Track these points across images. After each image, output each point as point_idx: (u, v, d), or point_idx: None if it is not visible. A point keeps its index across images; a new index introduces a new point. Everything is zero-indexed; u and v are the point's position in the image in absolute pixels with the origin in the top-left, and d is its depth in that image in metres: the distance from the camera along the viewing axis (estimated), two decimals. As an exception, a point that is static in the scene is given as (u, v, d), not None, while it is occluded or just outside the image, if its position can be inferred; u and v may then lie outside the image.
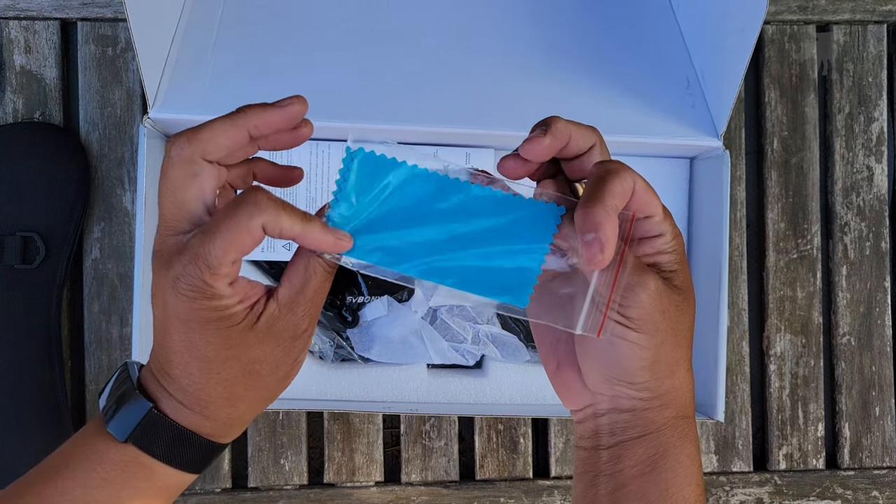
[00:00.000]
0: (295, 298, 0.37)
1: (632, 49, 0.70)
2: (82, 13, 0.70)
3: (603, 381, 0.39)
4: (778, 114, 0.75)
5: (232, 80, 0.63)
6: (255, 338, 0.37)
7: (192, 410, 0.37)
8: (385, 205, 0.38)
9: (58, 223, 0.66)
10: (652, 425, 0.39)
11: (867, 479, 0.74)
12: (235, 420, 0.39)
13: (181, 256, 0.35)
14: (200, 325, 0.36)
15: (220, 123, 0.37)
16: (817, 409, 0.74)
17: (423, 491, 0.71)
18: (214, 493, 0.70)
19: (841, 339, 0.75)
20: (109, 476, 0.37)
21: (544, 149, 0.37)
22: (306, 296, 0.37)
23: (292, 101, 0.39)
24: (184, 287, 0.35)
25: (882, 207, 0.76)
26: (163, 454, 0.37)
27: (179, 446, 0.37)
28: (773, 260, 0.74)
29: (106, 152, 0.70)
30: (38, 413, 0.65)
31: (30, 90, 0.70)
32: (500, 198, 0.38)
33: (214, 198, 0.37)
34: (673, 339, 0.37)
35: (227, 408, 0.38)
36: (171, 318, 0.36)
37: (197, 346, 0.36)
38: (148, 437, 0.37)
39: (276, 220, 0.34)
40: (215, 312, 0.35)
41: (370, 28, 0.68)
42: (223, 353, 0.36)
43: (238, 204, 0.34)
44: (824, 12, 0.76)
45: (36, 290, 0.65)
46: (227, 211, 0.35)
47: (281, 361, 0.38)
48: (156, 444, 0.37)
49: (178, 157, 0.36)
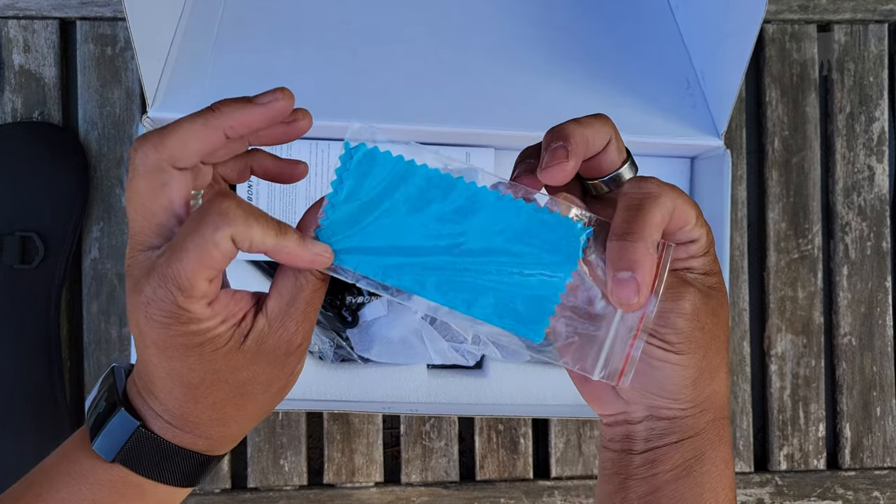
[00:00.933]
0: (286, 311, 0.33)
1: (632, 49, 0.70)
2: (81, 12, 0.70)
3: (642, 396, 0.37)
4: (779, 113, 0.75)
5: (232, 80, 0.63)
6: (244, 359, 0.33)
7: (181, 430, 0.34)
8: (386, 211, 0.33)
9: (57, 223, 0.66)
10: (690, 430, 0.37)
11: (868, 479, 0.74)
12: (228, 437, 0.36)
13: (150, 278, 0.31)
14: (180, 353, 0.32)
15: (190, 124, 0.32)
16: (818, 410, 0.74)
17: (423, 491, 0.71)
18: (214, 494, 0.70)
19: (842, 339, 0.75)
20: (97, 497, 0.34)
21: (568, 174, 0.33)
22: (298, 308, 0.33)
23: (275, 95, 0.33)
24: (156, 313, 0.31)
25: (883, 207, 0.76)
26: (153, 472, 0.34)
27: (170, 462, 0.34)
28: (773, 260, 0.74)
29: (105, 152, 0.70)
30: (38, 413, 0.65)
31: (29, 89, 0.70)
32: (521, 210, 0.33)
33: (187, 207, 0.33)
34: (714, 347, 0.36)
35: (218, 427, 0.35)
36: (148, 346, 0.32)
37: (179, 374, 0.33)
38: (136, 457, 0.34)
39: (245, 233, 0.30)
40: (195, 338, 0.32)
41: (370, 28, 0.68)
42: (209, 377, 0.33)
43: (203, 215, 0.30)
44: (825, 11, 0.76)
45: (35, 290, 0.65)
46: (191, 224, 0.31)
47: (274, 379, 0.35)
48: (144, 462, 0.34)
49: (143, 167, 0.32)
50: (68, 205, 0.67)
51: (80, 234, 0.68)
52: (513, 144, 0.63)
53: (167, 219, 0.32)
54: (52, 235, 0.66)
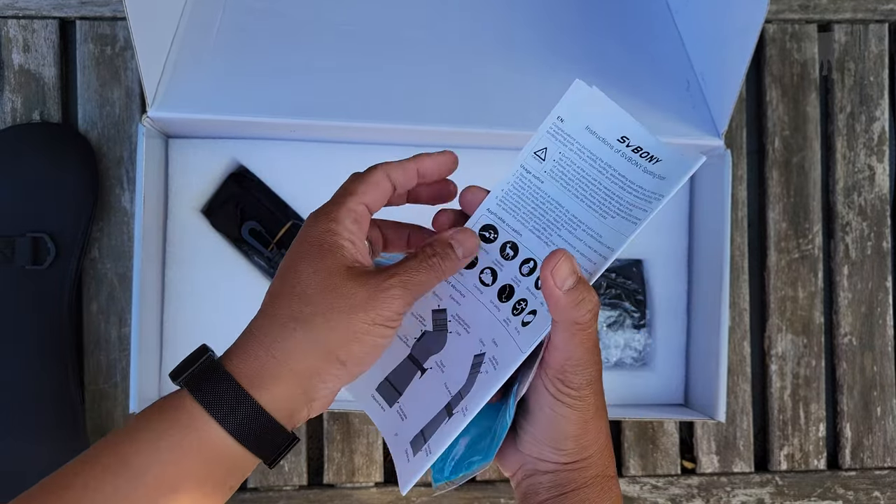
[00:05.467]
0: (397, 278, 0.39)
1: (632, 50, 0.70)
2: (81, 12, 0.70)
3: (533, 443, 0.42)
4: (779, 113, 0.75)
5: (232, 80, 0.63)
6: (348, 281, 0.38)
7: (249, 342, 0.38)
8: None
9: (68, 224, 0.66)
10: (572, 484, 0.41)
11: (868, 479, 0.74)
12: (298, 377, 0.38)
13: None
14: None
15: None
16: (818, 410, 0.74)
17: (423, 491, 0.71)
18: (214, 494, 0.69)
19: (842, 339, 0.75)
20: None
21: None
22: (408, 280, 0.39)
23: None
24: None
25: (883, 207, 0.75)
26: (205, 396, 0.37)
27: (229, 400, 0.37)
28: (774, 260, 0.74)
29: (105, 151, 0.70)
30: (52, 411, 0.65)
31: (28, 89, 0.69)
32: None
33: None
34: (599, 411, 0.41)
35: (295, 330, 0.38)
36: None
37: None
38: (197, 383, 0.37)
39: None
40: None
41: (370, 29, 0.68)
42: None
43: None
44: (825, 11, 0.75)
45: (47, 291, 0.65)
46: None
47: (349, 324, 0.38)
48: (200, 386, 0.37)
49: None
50: (79, 205, 0.67)
51: (90, 234, 0.68)
52: (512, 144, 0.63)
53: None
54: (64, 236, 0.66)
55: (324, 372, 0.38)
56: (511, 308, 0.42)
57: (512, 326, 0.42)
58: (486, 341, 0.43)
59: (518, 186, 0.42)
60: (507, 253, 0.43)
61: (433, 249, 0.40)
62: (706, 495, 0.73)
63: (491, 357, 0.42)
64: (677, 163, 0.40)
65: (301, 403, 0.38)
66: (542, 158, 0.42)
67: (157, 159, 0.65)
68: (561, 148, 0.42)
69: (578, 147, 0.42)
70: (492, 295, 0.43)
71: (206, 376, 0.37)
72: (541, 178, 0.42)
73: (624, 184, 0.41)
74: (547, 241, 0.42)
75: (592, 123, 0.41)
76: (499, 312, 0.42)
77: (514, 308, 0.42)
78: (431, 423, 0.43)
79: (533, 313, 0.41)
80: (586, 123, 0.41)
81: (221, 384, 0.37)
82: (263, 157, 0.69)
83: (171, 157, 0.68)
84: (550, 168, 0.42)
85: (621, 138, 0.41)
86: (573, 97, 0.41)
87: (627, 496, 0.72)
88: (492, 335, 0.42)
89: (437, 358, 0.44)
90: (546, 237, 0.42)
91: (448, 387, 0.43)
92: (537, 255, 0.42)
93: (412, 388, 0.44)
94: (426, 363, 0.44)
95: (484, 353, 0.42)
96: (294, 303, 0.38)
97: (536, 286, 0.41)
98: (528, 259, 0.42)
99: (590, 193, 0.42)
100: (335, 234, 0.39)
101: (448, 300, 0.44)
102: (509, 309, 0.42)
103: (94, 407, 0.69)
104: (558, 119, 0.42)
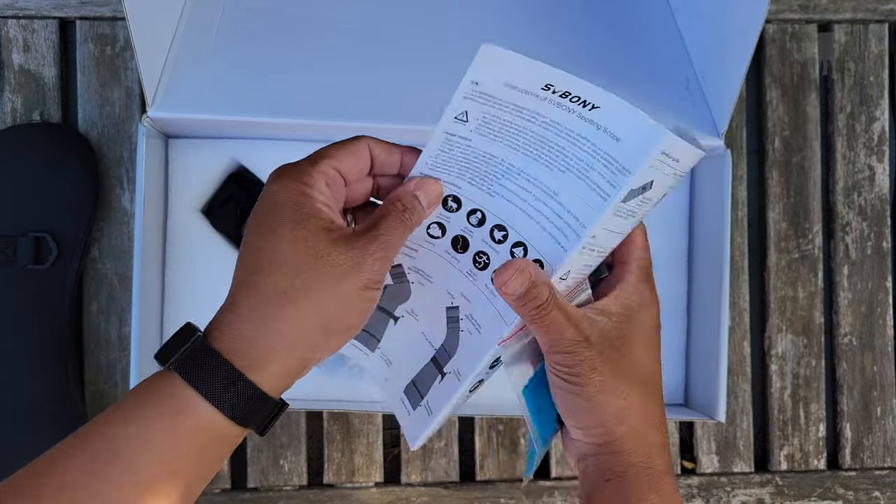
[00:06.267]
0: (371, 236, 0.39)
1: (632, 48, 0.70)
2: (81, 12, 0.70)
3: (572, 428, 0.43)
4: (779, 113, 0.75)
5: (231, 80, 0.63)
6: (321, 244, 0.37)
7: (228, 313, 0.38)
8: None
9: (69, 224, 0.66)
10: (609, 472, 0.41)
11: (868, 479, 0.74)
12: (271, 343, 0.37)
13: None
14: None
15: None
16: (818, 410, 0.74)
17: (423, 492, 0.71)
18: (213, 494, 0.69)
19: (842, 339, 0.75)
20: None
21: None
22: (381, 238, 0.39)
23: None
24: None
25: (883, 207, 0.75)
26: (187, 370, 0.36)
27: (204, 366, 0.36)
28: (774, 260, 0.74)
29: (105, 151, 0.70)
30: (54, 410, 0.65)
31: (28, 89, 0.69)
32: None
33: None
34: (610, 391, 0.41)
35: (267, 314, 0.37)
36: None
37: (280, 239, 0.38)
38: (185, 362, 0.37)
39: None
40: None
41: (370, 28, 0.68)
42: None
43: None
44: (825, 11, 0.75)
45: (48, 290, 0.65)
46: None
47: (326, 288, 0.37)
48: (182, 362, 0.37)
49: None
50: (79, 205, 0.67)
51: (91, 233, 0.68)
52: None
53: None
54: (65, 236, 0.66)
55: (320, 345, 0.38)
56: (472, 260, 0.43)
57: (481, 283, 0.43)
58: (455, 294, 0.44)
59: (446, 150, 0.42)
60: (451, 206, 0.43)
61: (403, 204, 0.40)
62: (706, 495, 0.73)
63: (468, 314, 0.44)
64: (628, 117, 0.37)
65: (296, 376, 0.38)
66: (464, 121, 0.41)
67: (157, 159, 0.65)
68: (482, 108, 0.40)
69: (501, 103, 0.39)
70: (445, 245, 0.44)
71: (199, 360, 0.36)
72: (468, 137, 0.41)
73: (559, 130, 0.39)
74: (489, 192, 0.42)
75: (512, 79, 0.39)
76: (458, 263, 0.44)
77: (475, 261, 0.43)
78: (422, 375, 0.45)
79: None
80: (505, 80, 0.39)
81: (216, 369, 0.36)
82: (263, 157, 0.69)
83: (171, 157, 0.68)
84: (476, 127, 0.41)
85: (546, 86, 0.38)
86: (484, 59, 0.38)
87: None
88: (459, 289, 0.44)
89: (406, 306, 0.46)
90: (487, 187, 0.42)
91: (428, 338, 0.45)
92: (482, 206, 0.43)
93: (389, 335, 0.46)
94: (397, 311, 0.46)
95: (457, 306, 0.44)
96: (280, 275, 0.37)
97: (493, 239, 0.42)
98: (473, 210, 0.43)
99: (523, 141, 0.40)
100: (311, 197, 0.38)
101: (401, 256, 0.45)
102: (469, 261, 0.43)
103: (94, 407, 0.69)
104: (473, 83, 0.39)
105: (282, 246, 0.37)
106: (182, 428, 0.36)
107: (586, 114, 0.38)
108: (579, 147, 0.39)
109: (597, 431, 0.41)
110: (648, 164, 0.37)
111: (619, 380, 0.41)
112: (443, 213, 0.43)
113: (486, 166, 0.41)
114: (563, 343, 0.40)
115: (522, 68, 0.38)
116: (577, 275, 0.42)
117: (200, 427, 0.36)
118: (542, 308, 0.39)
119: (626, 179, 0.38)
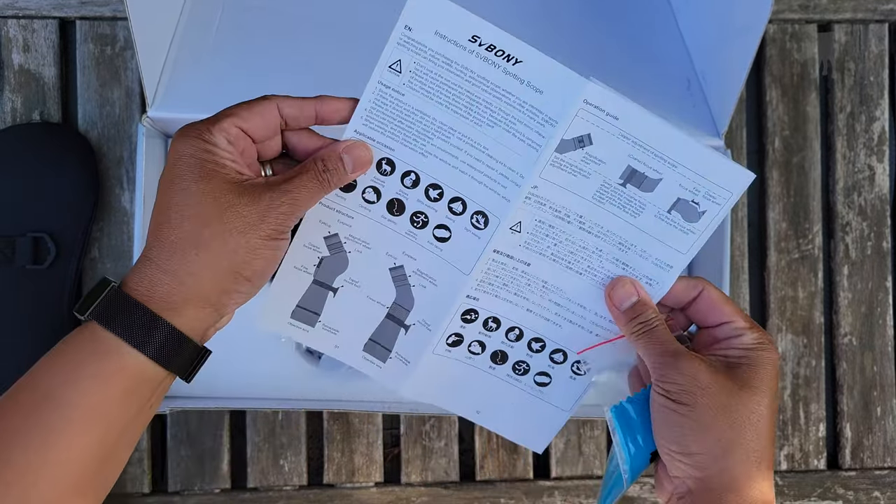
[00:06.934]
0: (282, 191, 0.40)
1: (633, 48, 0.70)
2: (81, 12, 0.70)
3: (668, 458, 0.42)
4: (779, 113, 0.75)
5: (231, 79, 0.63)
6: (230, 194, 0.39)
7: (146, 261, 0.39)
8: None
9: (68, 223, 0.66)
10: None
11: (868, 479, 0.74)
12: (183, 285, 0.38)
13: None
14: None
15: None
16: (818, 410, 0.74)
17: (423, 492, 0.71)
18: (213, 494, 0.69)
19: (842, 339, 0.75)
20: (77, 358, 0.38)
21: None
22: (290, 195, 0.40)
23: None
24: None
25: (883, 207, 0.75)
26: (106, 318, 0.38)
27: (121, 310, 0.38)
28: (774, 260, 0.74)
29: (105, 151, 0.70)
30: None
31: (28, 89, 0.69)
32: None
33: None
34: (721, 416, 0.40)
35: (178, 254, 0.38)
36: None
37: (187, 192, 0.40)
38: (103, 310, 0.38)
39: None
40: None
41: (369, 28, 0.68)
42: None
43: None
44: (825, 11, 0.75)
45: (47, 291, 0.65)
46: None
47: (236, 237, 0.38)
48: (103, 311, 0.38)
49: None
50: (78, 205, 0.67)
51: (90, 233, 0.68)
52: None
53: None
54: (64, 236, 0.66)
55: (231, 290, 0.39)
56: (409, 221, 0.44)
57: (423, 240, 0.44)
58: (397, 255, 0.45)
59: (380, 103, 0.43)
60: (385, 169, 0.44)
61: (324, 164, 0.41)
62: None
63: (416, 270, 0.45)
64: (550, 70, 0.40)
65: (212, 321, 0.40)
66: (398, 71, 0.42)
67: (157, 159, 0.65)
68: (415, 57, 0.42)
69: (431, 53, 0.41)
70: (381, 210, 0.44)
71: (116, 307, 0.38)
72: (400, 90, 0.42)
73: (486, 86, 0.41)
74: (422, 152, 0.43)
75: (441, 27, 0.41)
76: (395, 226, 0.45)
77: (412, 221, 0.44)
78: (381, 332, 0.47)
79: (443, 228, 0.44)
80: (435, 28, 0.41)
81: (134, 313, 0.38)
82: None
83: (171, 156, 0.68)
84: (408, 80, 0.42)
85: (472, 38, 0.41)
86: (417, 3, 0.40)
87: (627, 496, 0.72)
88: (401, 248, 0.45)
89: (345, 276, 0.46)
90: (420, 147, 0.43)
91: (376, 299, 0.47)
92: (416, 167, 0.43)
93: (330, 307, 0.47)
94: (335, 283, 0.47)
95: (401, 265, 0.45)
96: (188, 225, 0.38)
97: (428, 197, 0.43)
98: (407, 172, 0.44)
99: (453, 98, 0.42)
100: (213, 153, 0.39)
101: (337, 225, 0.45)
102: (407, 222, 0.44)
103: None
104: (406, 28, 0.41)
105: (189, 199, 0.39)
106: (108, 368, 0.37)
107: (510, 68, 0.41)
108: (505, 101, 0.41)
109: (700, 459, 0.40)
110: (576, 114, 0.40)
111: (730, 410, 0.40)
112: (377, 177, 0.44)
113: (419, 126, 0.42)
114: (672, 359, 0.41)
115: (452, 16, 0.40)
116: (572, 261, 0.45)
117: (125, 368, 0.38)
118: (648, 324, 0.42)
119: (554, 130, 0.40)
